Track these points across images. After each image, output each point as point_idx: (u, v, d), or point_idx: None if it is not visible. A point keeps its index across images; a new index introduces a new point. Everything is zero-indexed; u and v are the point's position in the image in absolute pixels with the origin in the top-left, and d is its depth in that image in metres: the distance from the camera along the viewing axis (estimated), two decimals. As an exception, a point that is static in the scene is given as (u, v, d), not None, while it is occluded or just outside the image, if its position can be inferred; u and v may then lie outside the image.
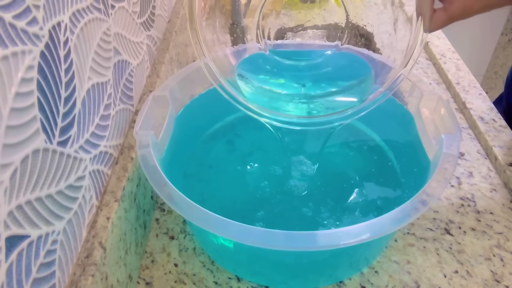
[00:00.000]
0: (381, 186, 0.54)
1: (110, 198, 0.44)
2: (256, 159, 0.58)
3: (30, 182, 0.31)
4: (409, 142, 0.56)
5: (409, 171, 0.54)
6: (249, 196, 0.54)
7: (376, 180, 0.55)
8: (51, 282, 0.34)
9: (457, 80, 0.76)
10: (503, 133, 0.64)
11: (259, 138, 0.61)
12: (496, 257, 0.50)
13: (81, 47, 0.39)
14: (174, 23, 0.75)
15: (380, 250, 0.51)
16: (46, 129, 0.33)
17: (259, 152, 0.60)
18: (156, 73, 0.63)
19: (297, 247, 0.38)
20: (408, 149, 0.57)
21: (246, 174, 0.57)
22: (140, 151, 0.45)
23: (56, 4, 0.35)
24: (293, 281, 0.49)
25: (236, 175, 0.57)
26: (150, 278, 0.49)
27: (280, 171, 0.56)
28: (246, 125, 0.63)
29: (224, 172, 0.57)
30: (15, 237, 0.29)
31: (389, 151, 0.58)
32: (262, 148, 0.60)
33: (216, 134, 0.62)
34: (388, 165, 0.57)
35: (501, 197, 0.58)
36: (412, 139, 0.56)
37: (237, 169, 0.57)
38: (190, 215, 0.40)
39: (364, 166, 0.56)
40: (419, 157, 0.53)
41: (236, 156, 0.59)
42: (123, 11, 0.52)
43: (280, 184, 0.55)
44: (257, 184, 0.55)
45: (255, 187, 0.54)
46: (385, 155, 0.58)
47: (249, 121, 0.51)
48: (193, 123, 0.58)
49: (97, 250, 0.39)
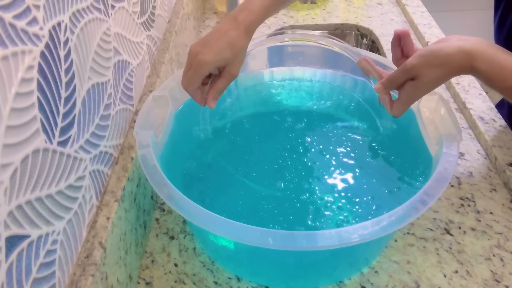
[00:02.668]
0: (381, 186, 0.54)
1: (110, 198, 0.44)
2: (256, 159, 0.58)
3: (30, 182, 0.31)
4: (411, 141, 0.56)
5: (409, 171, 0.54)
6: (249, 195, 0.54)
7: (376, 180, 0.55)
8: (51, 282, 0.34)
9: (457, 80, 0.76)
10: (503, 133, 0.64)
11: (259, 137, 0.61)
12: (496, 257, 0.50)
13: (81, 47, 0.39)
14: (174, 23, 0.75)
15: (380, 250, 0.51)
16: (46, 129, 0.33)
17: (259, 151, 0.60)
18: (156, 73, 0.63)
19: (297, 247, 0.38)
20: (409, 148, 0.56)
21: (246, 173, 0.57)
22: (140, 151, 0.45)
23: (56, 4, 0.35)
24: (293, 281, 0.49)
25: (235, 174, 0.57)
26: (150, 278, 0.49)
27: (280, 170, 0.56)
28: (246, 124, 0.63)
29: (224, 171, 0.57)
30: (15, 237, 0.29)
31: (390, 151, 0.58)
32: (262, 147, 0.60)
33: (216, 132, 0.62)
34: (388, 165, 0.56)
35: (501, 197, 0.58)
36: (413, 138, 0.56)
37: (237, 168, 0.57)
38: (190, 215, 0.40)
39: (364, 166, 0.56)
40: (420, 156, 0.53)
41: (236, 155, 0.59)
42: (123, 11, 0.52)
43: (280, 183, 0.54)
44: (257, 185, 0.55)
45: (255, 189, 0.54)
46: (385, 155, 0.58)
47: (249, 120, 0.51)
48: (193, 121, 0.58)
49: (97, 250, 0.39)
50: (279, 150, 0.58)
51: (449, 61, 0.46)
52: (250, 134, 0.62)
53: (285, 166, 0.56)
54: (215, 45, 0.48)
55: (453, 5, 1.84)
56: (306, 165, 0.56)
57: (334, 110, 0.65)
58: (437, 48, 0.47)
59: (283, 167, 0.56)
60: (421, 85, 0.48)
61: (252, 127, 0.62)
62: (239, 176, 0.55)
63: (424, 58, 0.47)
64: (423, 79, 0.47)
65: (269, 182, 0.54)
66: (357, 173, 0.55)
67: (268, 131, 0.53)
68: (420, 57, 0.47)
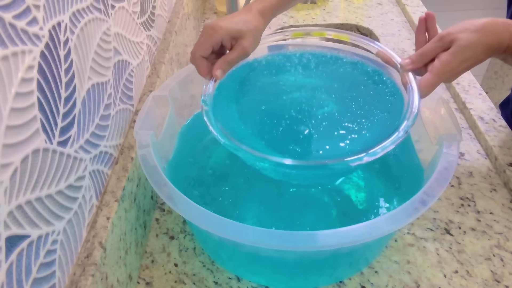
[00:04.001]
0: (381, 185, 0.54)
1: (110, 198, 0.44)
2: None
3: (30, 182, 0.31)
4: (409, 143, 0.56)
5: (409, 171, 0.54)
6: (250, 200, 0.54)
7: (377, 180, 0.55)
8: (51, 282, 0.34)
9: (457, 80, 0.76)
10: (503, 133, 0.64)
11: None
12: (496, 257, 0.50)
13: (81, 47, 0.39)
14: (174, 23, 0.75)
15: (380, 250, 0.51)
16: (46, 129, 0.33)
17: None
18: (156, 73, 0.63)
19: (297, 247, 0.38)
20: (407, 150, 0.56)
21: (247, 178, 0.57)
22: (140, 151, 0.45)
23: (56, 4, 0.35)
24: (293, 281, 0.49)
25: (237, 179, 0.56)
26: (150, 278, 0.49)
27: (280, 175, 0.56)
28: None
29: (225, 176, 0.57)
30: (15, 237, 0.29)
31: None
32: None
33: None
34: (388, 164, 0.57)
35: (501, 197, 0.58)
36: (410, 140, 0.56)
37: (238, 173, 0.57)
38: (190, 215, 0.40)
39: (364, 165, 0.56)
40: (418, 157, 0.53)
41: (236, 160, 0.59)
42: (123, 11, 0.52)
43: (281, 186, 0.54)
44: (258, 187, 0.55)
45: (255, 191, 0.54)
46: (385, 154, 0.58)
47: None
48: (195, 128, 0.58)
49: (97, 250, 0.39)
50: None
51: (487, 28, 0.43)
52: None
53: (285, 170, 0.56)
54: (229, 18, 0.48)
55: (453, 5, 1.85)
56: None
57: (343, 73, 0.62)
58: (470, 20, 0.44)
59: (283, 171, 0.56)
60: (458, 50, 0.43)
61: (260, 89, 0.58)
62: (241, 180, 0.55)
63: (460, 25, 0.44)
64: (460, 41, 0.43)
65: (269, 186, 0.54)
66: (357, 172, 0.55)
67: (276, 92, 0.52)
68: (454, 26, 0.44)
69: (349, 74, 0.58)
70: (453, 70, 0.44)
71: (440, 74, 0.44)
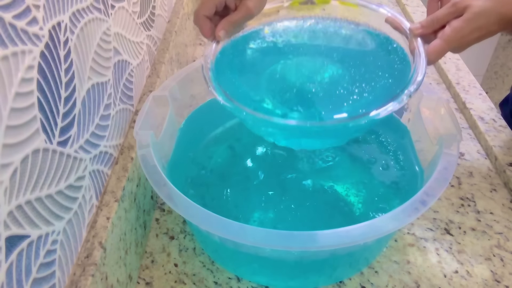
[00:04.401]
0: (381, 185, 0.54)
1: (110, 198, 0.44)
2: (256, 163, 0.58)
3: (30, 182, 0.31)
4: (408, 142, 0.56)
5: (409, 171, 0.54)
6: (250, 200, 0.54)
7: (376, 179, 0.55)
8: (51, 282, 0.34)
9: (457, 80, 0.76)
10: (503, 133, 0.64)
11: (259, 143, 0.60)
12: (496, 257, 0.50)
13: (81, 47, 0.39)
14: (174, 23, 0.75)
15: (380, 250, 0.51)
16: (46, 129, 0.33)
17: (259, 157, 0.59)
18: (156, 73, 0.63)
19: (297, 247, 0.38)
20: (407, 149, 0.56)
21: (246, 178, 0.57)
22: (140, 151, 0.45)
23: (56, 4, 0.35)
24: (293, 281, 0.49)
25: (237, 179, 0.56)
26: (150, 278, 0.49)
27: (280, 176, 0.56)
28: (247, 130, 0.62)
29: (225, 176, 0.57)
30: (15, 237, 0.29)
31: (389, 150, 0.58)
32: (262, 152, 0.60)
33: (217, 139, 0.62)
34: (388, 164, 0.57)
35: (501, 197, 0.58)
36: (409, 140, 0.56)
37: (238, 172, 0.57)
38: (190, 215, 0.40)
39: (364, 165, 0.56)
40: (418, 157, 0.53)
41: (236, 160, 0.59)
42: (123, 11, 0.52)
43: (281, 187, 0.55)
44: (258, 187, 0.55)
45: (256, 191, 0.54)
46: (385, 154, 0.58)
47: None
48: (195, 128, 0.58)
49: (97, 250, 0.39)
50: (279, 156, 0.58)
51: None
52: (252, 140, 0.60)
53: (286, 172, 0.56)
54: None
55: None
56: (305, 165, 0.56)
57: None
58: None
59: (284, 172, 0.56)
60: (471, 17, 0.42)
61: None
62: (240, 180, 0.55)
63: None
64: (474, 8, 0.42)
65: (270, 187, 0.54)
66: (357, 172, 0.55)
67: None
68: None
69: (356, 41, 0.57)
70: (463, 37, 0.43)
71: (450, 41, 0.43)
